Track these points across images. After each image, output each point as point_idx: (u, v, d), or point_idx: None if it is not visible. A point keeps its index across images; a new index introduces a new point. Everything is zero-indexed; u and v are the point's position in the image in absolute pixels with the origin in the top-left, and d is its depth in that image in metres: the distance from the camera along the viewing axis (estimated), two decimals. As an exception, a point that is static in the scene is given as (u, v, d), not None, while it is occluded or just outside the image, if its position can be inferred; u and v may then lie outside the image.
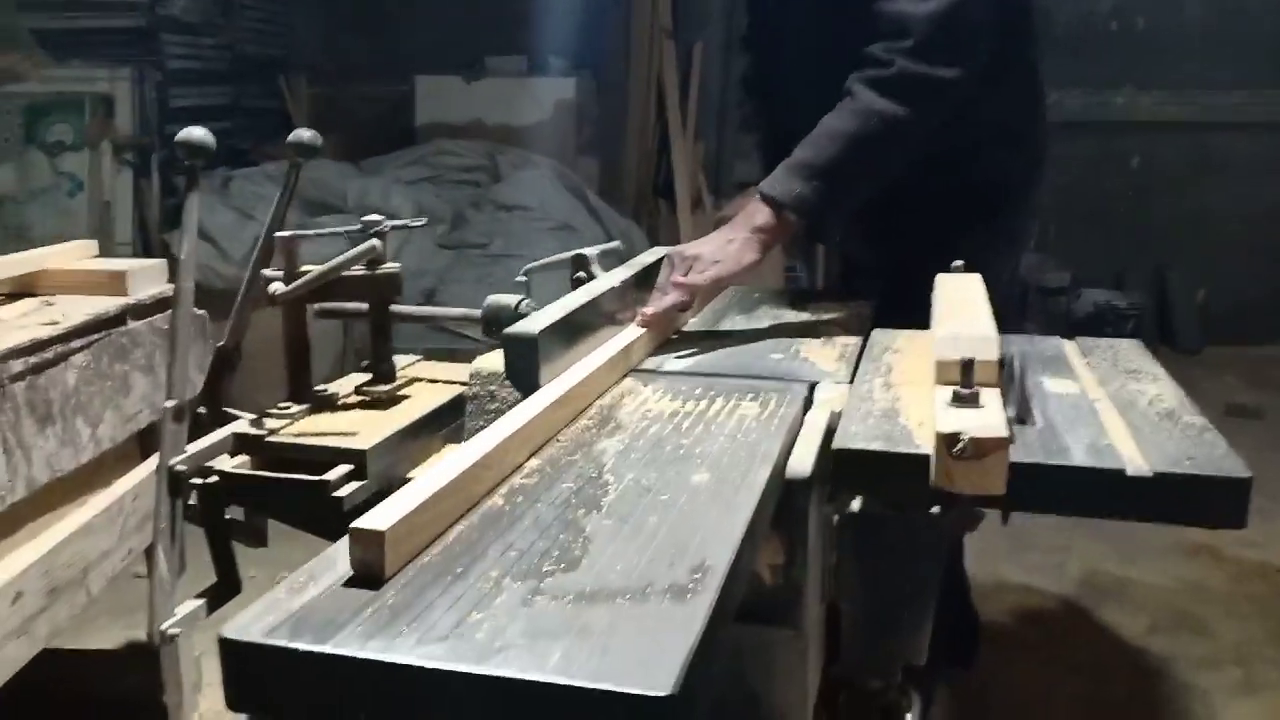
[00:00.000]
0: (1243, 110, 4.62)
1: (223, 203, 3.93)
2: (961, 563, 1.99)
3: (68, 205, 3.90)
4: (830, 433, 1.02)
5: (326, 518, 1.06)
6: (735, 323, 1.50)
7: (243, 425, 1.21)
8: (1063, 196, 4.21)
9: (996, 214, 1.61)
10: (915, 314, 1.25)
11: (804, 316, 1.51)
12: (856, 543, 1.09)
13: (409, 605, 0.65)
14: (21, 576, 1.40)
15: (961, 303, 1.09)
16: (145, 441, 1.82)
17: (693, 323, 1.48)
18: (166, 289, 1.85)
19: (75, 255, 1.91)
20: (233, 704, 0.62)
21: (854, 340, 1.35)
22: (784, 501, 0.95)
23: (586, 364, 1.13)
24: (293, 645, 0.61)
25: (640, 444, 0.96)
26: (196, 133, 1.17)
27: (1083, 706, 2.09)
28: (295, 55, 5.20)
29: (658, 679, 0.56)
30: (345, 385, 1.33)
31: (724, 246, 1.38)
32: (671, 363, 1.26)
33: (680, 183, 4.61)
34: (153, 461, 1.81)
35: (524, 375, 1.04)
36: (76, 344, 1.57)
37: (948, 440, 0.77)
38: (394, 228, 1.30)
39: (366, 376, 1.32)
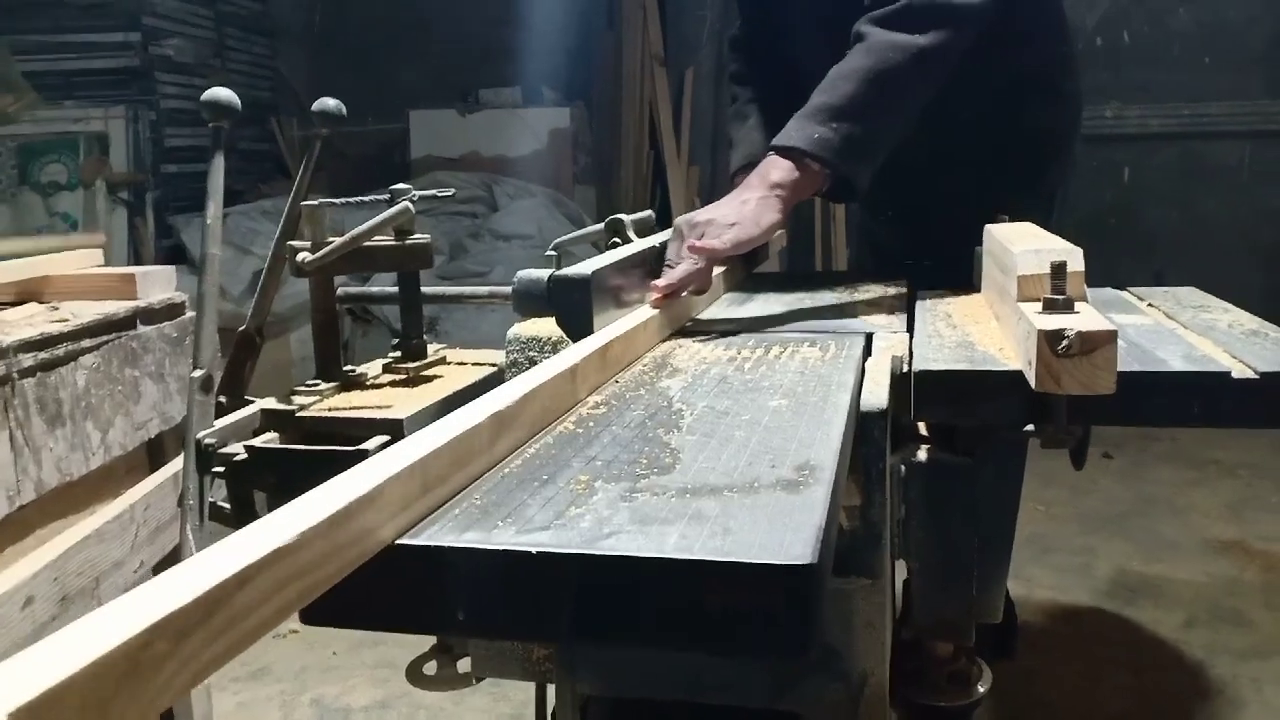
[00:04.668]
0: (1227, 120, 4.67)
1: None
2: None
3: (61, 245, 3.85)
4: (895, 376, 0.97)
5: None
6: (767, 298, 1.45)
7: (270, 402, 1.16)
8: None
9: (1041, 171, 1.53)
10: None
11: (840, 288, 1.47)
12: (926, 492, 1.04)
13: (499, 504, 0.59)
14: (32, 580, 1.33)
15: (1027, 232, 1.05)
16: (154, 453, 1.76)
17: (720, 302, 1.42)
18: (175, 295, 1.80)
19: (79, 263, 1.86)
20: (308, 617, 0.55)
21: (900, 303, 1.30)
22: (858, 437, 0.89)
23: (634, 317, 1.08)
24: (376, 545, 0.54)
25: (704, 381, 0.91)
26: (221, 93, 1.14)
27: (1132, 695, 2.02)
28: (286, 97, 5.21)
29: (794, 550, 0.50)
30: (373, 367, 1.29)
31: (739, 208, 1.23)
32: (718, 324, 1.21)
33: (676, 208, 4.60)
34: (163, 473, 1.75)
35: (577, 318, 0.99)
36: (87, 343, 1.51)
37: (1050, 338, 0.72)
38: (422, 197, 1.27)
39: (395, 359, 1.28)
